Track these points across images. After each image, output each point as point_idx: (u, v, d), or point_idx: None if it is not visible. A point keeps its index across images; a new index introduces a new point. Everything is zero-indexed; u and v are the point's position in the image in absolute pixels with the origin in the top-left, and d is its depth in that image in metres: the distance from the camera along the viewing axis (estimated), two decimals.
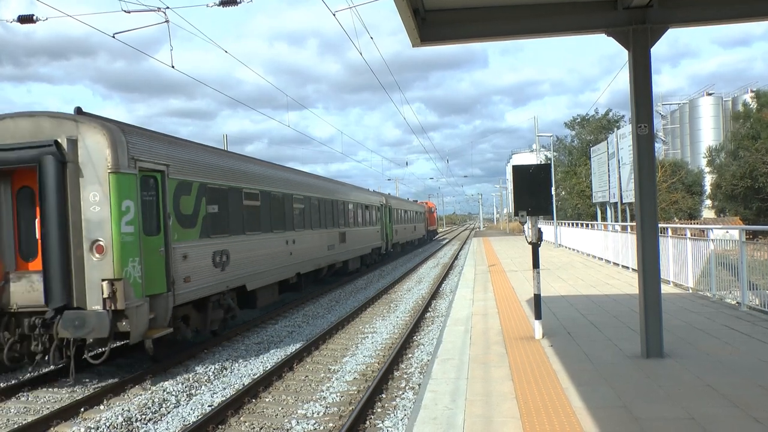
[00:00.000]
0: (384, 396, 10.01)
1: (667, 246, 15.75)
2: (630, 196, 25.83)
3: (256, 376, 11.31)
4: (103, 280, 10.18)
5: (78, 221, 10.29)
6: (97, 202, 10.33)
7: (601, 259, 24.72)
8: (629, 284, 16.75)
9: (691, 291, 14.54)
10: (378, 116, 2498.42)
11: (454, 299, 15.28)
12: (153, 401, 9.87)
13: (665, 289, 14.22)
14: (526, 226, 10.62)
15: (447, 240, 77.36)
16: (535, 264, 10.28)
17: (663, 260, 15.31)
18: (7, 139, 10.56)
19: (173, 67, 16.75)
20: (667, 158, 72.87)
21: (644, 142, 8.53)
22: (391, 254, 39.10)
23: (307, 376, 11.30)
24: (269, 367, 11.97)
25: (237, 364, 12.47)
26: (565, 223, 38.18)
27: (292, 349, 13.42)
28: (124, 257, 10.34)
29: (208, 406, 9.83)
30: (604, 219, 34.02)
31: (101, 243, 10.30)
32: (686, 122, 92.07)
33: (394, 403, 9.59)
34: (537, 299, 10.22)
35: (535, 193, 9.96)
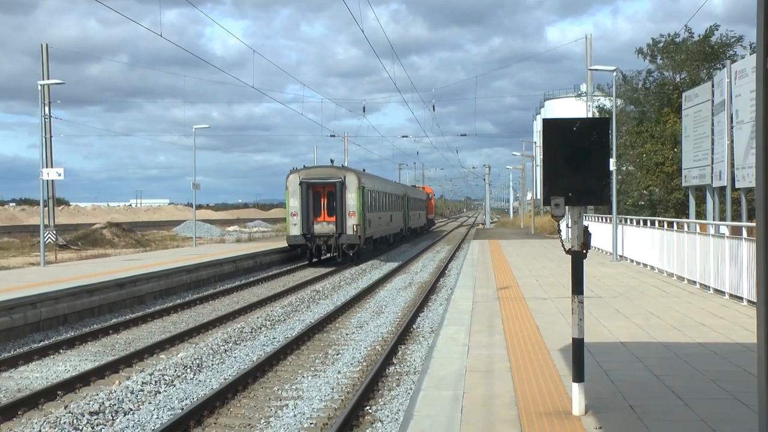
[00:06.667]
0: None
1: None
2: (749, 177, 17.70)
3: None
4: (352, 224, 29.92)
5: (345, 205, 30.02)
6: (351, 198, 30.14)
7: (693, 282, 17.33)
8: (740, 325, 11.55)
9: None
10: (323, 24, 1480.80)
11: (435, 343, 10.59)
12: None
13: None
14: (562, 224, 7.24)
15: (432, 241, 51.83)
16: (577, 288, 6.46)
17: None
18: (319, 175, 30.75)
19: None
20: None
21: None
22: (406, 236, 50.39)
23: None
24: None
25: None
26: (631, 221, 24.63)
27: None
28: (359, 217, 30.08)
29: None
30: (701, 214, 23.15)
31: (353, 211, 30.00)
32: None
33: None
34: (578, 347, 6.52)
35: (580, 166, 6.32)
